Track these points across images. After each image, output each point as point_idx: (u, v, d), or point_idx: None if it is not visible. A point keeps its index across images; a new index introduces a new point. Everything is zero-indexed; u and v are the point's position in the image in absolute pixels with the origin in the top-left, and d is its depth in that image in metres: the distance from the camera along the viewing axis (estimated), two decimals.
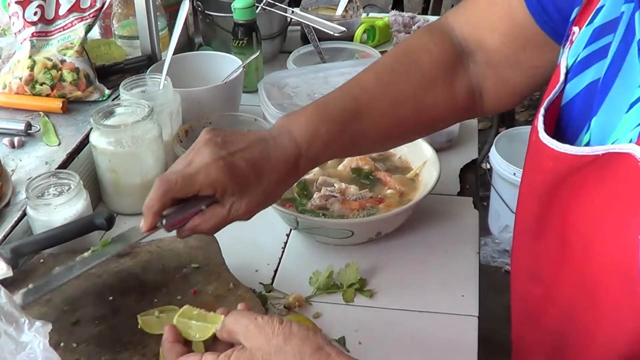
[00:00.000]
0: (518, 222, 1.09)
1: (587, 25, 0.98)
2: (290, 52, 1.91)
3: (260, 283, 1.27)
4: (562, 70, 0.99)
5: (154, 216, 1.01)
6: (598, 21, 0.97)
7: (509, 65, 1.16)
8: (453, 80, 1.16)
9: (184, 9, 1.60)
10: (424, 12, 4.24)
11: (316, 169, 1.42)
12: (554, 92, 0.99)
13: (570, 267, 0.94)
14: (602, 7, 0.97)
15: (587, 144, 0.94)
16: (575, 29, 1.01)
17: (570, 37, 1.02)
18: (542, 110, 0.98)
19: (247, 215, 1.05)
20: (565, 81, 0.99)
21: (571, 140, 0.96)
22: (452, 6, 5.03)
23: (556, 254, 0.97)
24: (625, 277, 0.83)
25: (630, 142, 0.83)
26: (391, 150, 1.47)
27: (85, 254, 1.09)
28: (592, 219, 0.88)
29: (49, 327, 0.96)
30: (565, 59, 1.00)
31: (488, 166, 3.21)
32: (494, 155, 2.98)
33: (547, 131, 0.95)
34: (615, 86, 0.91)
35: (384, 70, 1.19)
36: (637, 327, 0.84)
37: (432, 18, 2.23)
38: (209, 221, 1.03)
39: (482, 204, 3.31)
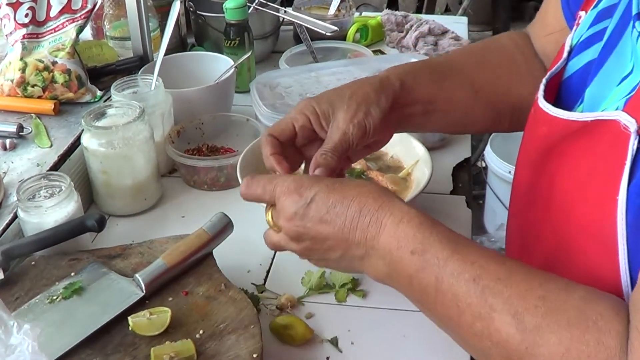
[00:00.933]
0: (513, 192, 1.12)
1: (592, 8, 1.04)
2: (283, 52, 1.91)
3: (252, 283, 1.26)
4: (566, 49, 1.05)
5: (276, 159, 1.09)
6: (601, 6, 1.02)
7: None
8: (535, 71, 1.23)
9: (175, 10, 1.60)
10: (418, 10, 4.25)
11: None
12: (555, 66, 1.04)
13: (551, 230, 0.96)
14: None
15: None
16: (582, 13, 1.06)
17: (577, 21, 1.07)
18: (543, 81, 1.03)
19: (352, 123, 1.08)
20: (568, 59, 1.04)
21: (567, 110, 1.00)
22: (447, 5, 5.04)
23: (541, 219, 0.99)
24: (603, 239, 0.84)
25: (617, 109, 0.85)
26: (383, 150, 1.46)
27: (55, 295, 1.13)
28: (577, 184, 0.90)
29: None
30: (570, 39, 1.05)
31: (483, 164, 3.21)
32: (489, 154, 2.98)
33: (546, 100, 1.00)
34: (609, 62, 0.95)
35: (474, 45, 1.35)
36: (613, 289, 0.84)
37: (426, 17, 2.24)
38: (328, 143, 1.07)
39: (477, 202, 3.32)
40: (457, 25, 2.24)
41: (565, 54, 1.05)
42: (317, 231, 0.95)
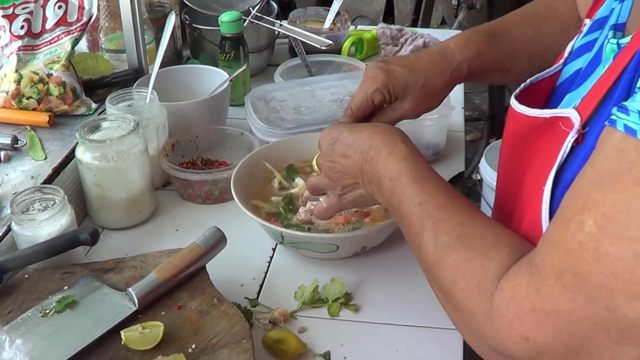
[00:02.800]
0: (496, 192, 1.21)
1: (592, 19, 1.08)
2: (278, 65, 1.92)
3: (245, 297, 1.26)
4: (565, 55, 1.10)
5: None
6: (597, 15, 1.06)
7: None
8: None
9: (170, 23, 1.61)
10: (414, 23, 4.25)
11: (302, 183, 1.42)
12: (547, 70, 1.11)
13: (518, 220, 1.02)
14: (602, 4, 1.06)
15: None
16: (587, 20, 1.10)
17: (580, 28, 1.11)
18: (527, 81, 1.10)
19: (413, 112, 1.25)
20: (564, 64, 1.10)
21: None
22: (442, 18, 5.05)
23: (509, 214, 1.06)
24: (532, 227, 0.92)
25: (573, 107, 0.91)
26: None
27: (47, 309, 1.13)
28: (536, 178, 0.96)
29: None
30: (571, 45, 1.11)
31: (478, 177, 3.21)
32: (484, 166, 2.98)
33: (536, 105, 1.03)
34: (593, 75, 0.97)
35: (528, 9, 1.37)
36: None
37: (421, 30, 2.24)
38: (384, 116, 1.24)
39: None
40: None
41: (562, 60, 1.09)
42: (342, 165, 1.13)
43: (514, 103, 1.03)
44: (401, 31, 2.17)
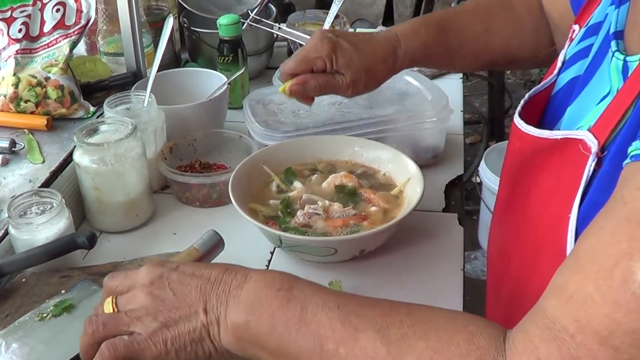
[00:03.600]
0: (496, 202, 1.18)
1: (585, 26, 1.07)
2: (277, 68, 1.91)
3: None
4: (558, 64, 1.09)
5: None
6: (590, 22, 1.06)
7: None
8: (540, 28, 1.33)
9: (168, 26, 1.60)
10: None
11: (300, 186, 1.42)
12: (543, 82, 1.09)
13: (520, 244, 1.01)
14: (595, 10, 1.06)
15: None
16: (576, 27, 1.09)
17: (570, 35, 1.10)
18: (526, 96, 1.08)
19: (349, 90, 1.29)
20: (558, 74, 1.09)
21: (550, 126, 1.04)
22: None
23: (514, 229, 1.05)
24: (557, 255, 0.87)
25: (587, 129, 0.89)
26: (375, 167, 1.47)
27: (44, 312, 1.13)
28: (544, 199, 0.95)
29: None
30: (563, 54, 1.09)
31: (478, 180, 3.21)
32: (483, 169, 2.98)
33: (533, 117, 1.05)
34: (592, 81, 0.97)
35: (483, 3, 1.38)
36: None
37: None
38: (317, 79, 1.27)
39: (472, 218, 3.32)
40: None
41: (556, 70, 1.08)
42: (175, 291, 0.89)
43: (519, 122, 1.01)
44: None
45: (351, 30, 2.21)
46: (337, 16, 2.12)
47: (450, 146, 1.68)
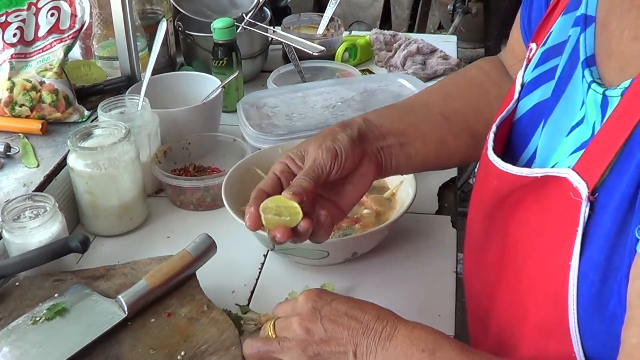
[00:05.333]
0: (467, 238, 1.14)
1: (542, 46, 1.03)
2: (272, 72, 1.92)
3: (236, 304, 1.26)
4: (517, 88, 1.04)
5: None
6: (549, 43, 1.01)
7: None
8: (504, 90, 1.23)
9: (162, 30, 1.61)
10: (410, 29, 4.26)
11: None
12: (507, 109, 1.03)
13: (505, 283, 0.98)
14: (552, 31, 1.02)
15: (528, 162, 0.99)
16: (533, 45, 1.06)
17: (528, 55, 1.06)
18: (493, 127, 1.02)
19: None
20: (519, 99, 1.03)
21: (515, 156, 1.01)
22: (440, 23, 5.06)
23: (496, 268, 1.01)
24: (555, 301, 0.85)
25: (569, 167, 0.85)
26: None
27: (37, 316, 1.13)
28: (527, 239, 0.92)
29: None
30: (521, 76, 1.04)
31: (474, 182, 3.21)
32: None
33: (497, 147, 0.99)
34: (558, 107, 0.95)
35: (440, 82, 1.36)
36: (563, 350, 0.86)
37: (415, 35, 2.25)
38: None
39: None
40: (447, 44, 2.25)
41: (516, 94, 1.04)
42: (330, 330, 0.96)
43: (495, 160, 0.96)
44: (395, 37, 2.18)
45: (346, 33, 2.21)
46: (331, 19, 2.13)
47: None
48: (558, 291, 0.84)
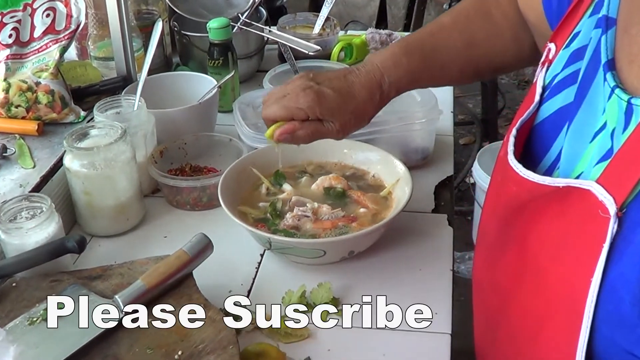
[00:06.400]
0: (480, 236, 1.12)
1: (565, 48, 1.00)
2: (268, 71, 1.92)
3: (234, 304, 1.26)
4: (538, 90, 1.01)
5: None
6: (574, 45, 0.98)
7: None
8: (519, 33, 1.28)
9: (157, 31, 1.61)
10: (406, 28, 4.26)
11: (289, 188, 1.43)
12: (528, 112, 1.01)
13: (522, 295, 0.96)
14: (579, 32, 0.99)
15: (550, 167, 0.96)
16: (551, 45, 1.03)
17: (546, 55, 1.03)
18: (513, 131, 1.00)
19: (340, 134, 1.23)
20: (541, 101, 1.01)
21: (536, 161, 0.99)
22: None
23: (511, 278, 0.99)
24: (571, 314, 0.84)
25: (594, 179, 0.83)
26: (364, 168, 1.48)
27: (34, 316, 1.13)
28: (548, 250, 0.89)
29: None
30: (542, 78, 1.02)
31: (472, 180, 3.21)
32: (477, 170, 2.98)
33: (516, 150, 0.97)
34: (580, 112, 0.92)
35: (460, 15, 1.33)
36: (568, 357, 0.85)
37: None
38: (306, 128, 1.20)
39: (466, 219, 3.33)
40: None
41: (537, 97, 1.02)
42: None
43: (516, 166, 0.95)
44: (390, 36, 2.18)
45: (342, 32, 2.21)
46: (327, 18, 2.13)
47: (440, 147, 1.68)
48: (576, 307, 0.83)
